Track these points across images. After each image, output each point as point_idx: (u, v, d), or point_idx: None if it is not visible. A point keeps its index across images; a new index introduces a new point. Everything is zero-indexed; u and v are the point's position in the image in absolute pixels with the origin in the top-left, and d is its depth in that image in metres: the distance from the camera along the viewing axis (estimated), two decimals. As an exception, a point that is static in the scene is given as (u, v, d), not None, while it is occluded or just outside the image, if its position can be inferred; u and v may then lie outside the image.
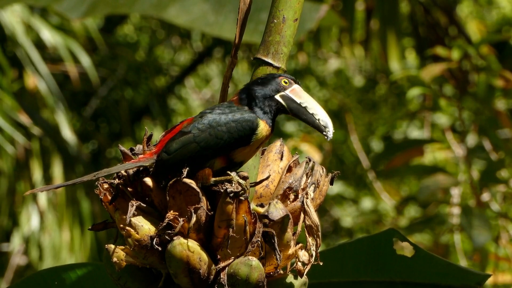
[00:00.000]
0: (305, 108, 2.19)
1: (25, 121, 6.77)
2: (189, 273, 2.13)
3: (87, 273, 2.53)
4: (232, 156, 2.16)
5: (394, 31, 6.94)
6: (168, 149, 2.15)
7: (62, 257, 6.90)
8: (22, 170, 7.00)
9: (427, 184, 5.08)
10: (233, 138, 2.15)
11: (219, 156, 2.15)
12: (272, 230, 2.15)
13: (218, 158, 2.15)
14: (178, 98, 10.32)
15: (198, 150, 2.14)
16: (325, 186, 2.29)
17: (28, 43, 7.14)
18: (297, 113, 2.19)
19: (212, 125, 2.15)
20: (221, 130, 2.15)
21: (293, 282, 2.22)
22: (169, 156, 2.14)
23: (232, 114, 2.16)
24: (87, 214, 6.98)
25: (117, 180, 2.18)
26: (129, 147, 2.24)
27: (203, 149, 2.14)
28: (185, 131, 2.16)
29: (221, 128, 2.15)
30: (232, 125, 2.16)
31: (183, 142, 2.15)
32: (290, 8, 2.29)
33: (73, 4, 4.87)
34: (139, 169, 2.18)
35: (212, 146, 2.14)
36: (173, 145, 2.15)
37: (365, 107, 10.53)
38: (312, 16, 4.57)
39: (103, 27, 9.40)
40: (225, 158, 2.15)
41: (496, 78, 5.18)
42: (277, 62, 2.28)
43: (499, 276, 5.27)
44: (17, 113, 6.71)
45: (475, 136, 5.51)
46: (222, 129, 2.15)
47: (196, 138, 2.15)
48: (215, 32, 4.78)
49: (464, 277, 2.61)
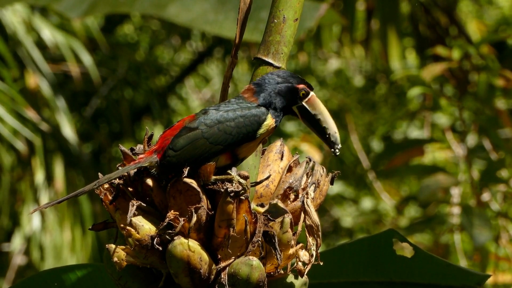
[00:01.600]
0: (319, 120, 2.20)
1: (33, 116, 6.76)
2: (189, 273, 2.13)
3: (87, 274, 2.53)
4: (237, 151, 2.15)
5: (395, 31, 6.94)
6: (175, 146, 2.13)
7: (63, 257, 6.91)
8: (23, 170, 7.01)
9: (427, 184, 5.08)
10: (242, 133, 2.14)
11: (226, 152, 2.14)
12: (273, 230, 2.15)
13: (224, 154, 2.14)
14: (179, 98, 10.32)
15: (207, 146, 2.12)
16: (325, 186, 2.29)
17: (29, 43, 7.15)
18: (309, 123, 2.20)
19: (220, 121, 2.14)
20: (229, 125, 2.14)
21: (294, 282, 2.23)
22: (176, 152, 2.12)
23: (240, 109, 2.15)
24: (88, 214, 6.99)
25: (118, 180, 2.18)
26: (130, 147, 2.24)
27: (212, 145, 2.12)
28: (191, 127, 2.14)
29: (229, 124, 2.14)
30: (241, 120, 2.15)
31: (191, 138, 2.13)
32: (290, 8, 2.29)
33: (72, 3, 4.86)
34: (140, 169, 2.17)
35: (221, 142, 2.13)
36: (180, 141, 2.13)
37: (365, 107, 10.53)
38: (312, 15, 4.57)
39: (104, 27, 9.40)
40: (230, 154, 2.15)
41: (496, 77, 5.18)
42: (278, 62, 2.28)
43: (499, 276, 5.28)
44: (25, 109, 6.70)
45: (475, 136, 5.51)
46: (231, 124, 2.14)
47: (204, 133, 2.13)
48: (215, 30, 4.77)
49: (464, 277, 2.61)
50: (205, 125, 2.14)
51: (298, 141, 5.84)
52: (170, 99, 10.14)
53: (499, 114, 5.30)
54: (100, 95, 8.98)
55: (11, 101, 6.58)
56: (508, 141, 5.48)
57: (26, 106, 6.72)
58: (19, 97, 6.63)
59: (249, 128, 2.14)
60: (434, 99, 5.50)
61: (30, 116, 6.78)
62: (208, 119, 2.15)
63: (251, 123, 2.15)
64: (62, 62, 7.74)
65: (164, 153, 2.14)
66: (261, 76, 2.22)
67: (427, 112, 6.65)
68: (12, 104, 6.63)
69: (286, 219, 2.16)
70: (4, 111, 6.47)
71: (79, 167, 7.11)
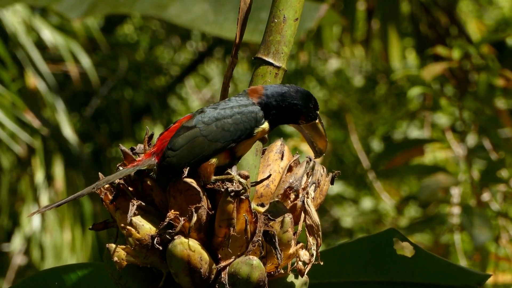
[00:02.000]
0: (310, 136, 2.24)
1: (31, 119, 6.77)
2: (190, 272, 2.13)
3: (87, 274, 2.52)
4: (235, 149, 2.15)
5: (395, 31, 6.94)
6: (174, 145, 2.12)
7: (64, 257, 6.91)
8: (23, 170, 7.01)
9: (427, 183, 5.08)
10: (239, 129, 2.14)
11: (225, 150, 2.14)
12: (273, 229, 2.15)
13: (223, 152, 2.14)
14: (179, 98, 10.32)
15: (206, 143, 2.12)
16: (325, 186, 2.29)
17: (29, 43, 7.15)
18: (300, 129, 2.22)
19: (218, 118, 2.14)
20: (227, 122, 2.14)
21: (294, 281, 2.23)
22: (175, 152, 2.12)
23: (237, 106, 2.16)
24: (88, 214, 6.99)
25: (118, 180, 2.18)
26: (130, 147, 2.24)
27: (211, 142, 2.12)
28: (189, 126, 2.14)
29: (227, 120, 2.14)
30: (238, 117, 2.15)
31: (189, 136, 2.12)
32: (290, 7, 2.29)
33: (72, 4, 4.86)
34: (139, 170, 2.17)
35: (219, 139, 2.12)
36: (179, 140, 2.12)
37: (365, 107, 10.53)
38: (312, 16, 4.56)
39: (104, 27, 9.40)
40: (228, 152, 2.15)
41: (496, 77, 5.19)
42: (278, 62, 2.28)
43: (499, 276, 5.28)
44: (22, 112, 6.71)
45: (476, 136, 5.52)
46: (228, 121, 2.14)
47: (202, 131, 2.13)
48: (215, 31, 4.77)
49: (464, 277, 2.61)
50: (203, 123, 2.14)
51: (298, 141, 5.84)
52: (170, 99, 10.14)
53: (499, 114, 5.30)
54: (100, 95, 8.99)
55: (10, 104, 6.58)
56: (508, 141, 5.48)
57: (25, 109, 6.72)
58: (18, 100, 6.63)
59: (247, 124, 2.14)
60: (434, 99, 5.50)
61: (28, 119, 6.78)
62: (205, 117, 2.14)
63: (248, 120, 2.15)
64: (62, 62, 7.74)
65: (163, 155, 2.13)
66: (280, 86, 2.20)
67: (427, 112, 6.65)
68: (12, 107, 6.63)
69: (287, 218, 2.17)
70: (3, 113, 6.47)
71: (79, 167, 7.12)
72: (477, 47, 5.18)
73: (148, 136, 2.23)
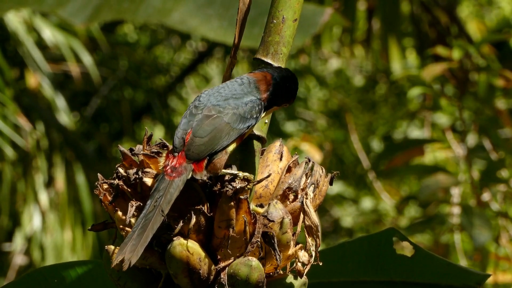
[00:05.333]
0: None
1: (24, 124, 6.77)
2: (189, 273, 2.13)
3: (87, 271, 2.52)
4: (245, 134, 2.18)
5: (395, 31, 6.94)
6: (199, 133, 2.12)
7: (64, 257, 6.91)
8: (24, 169, 7.01)
9: (427, 184, 5.08)
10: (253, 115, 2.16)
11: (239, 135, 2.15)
12: (272, 230, 2.15)
13: (238, 138, 2.15)
14: (179, 97, 10.32)
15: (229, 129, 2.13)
16: (324, 187, 2.29)
17: (30, 42, 7.15)
18: None
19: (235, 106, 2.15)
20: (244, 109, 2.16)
21: (293, 282, 2.23)
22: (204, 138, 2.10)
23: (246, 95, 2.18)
24: (89, 214, 6.99)
25: (117, 181, 2.18)
26: (129, 147, 2.24)
27: (233, 128, 2.13)
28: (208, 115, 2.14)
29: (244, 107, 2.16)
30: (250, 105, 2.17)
31: (213, 124, 2.13)
32: (289, 8, 2.29)
33: (77, 9, 4.83)
34: (139, 169, 2.17)
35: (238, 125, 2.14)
36: (204, 127, 2.12)
37: (365, 107, 10.53)
38: (316, 20, 4.53)
39: (104, 26, 9.40)
40: (240, 138, 2.17)
41: (497, 77, 5.19)
42: (277, 62, 2.28)
43: (499, 276, 5.28)
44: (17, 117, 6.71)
45: (476, 136, 5.52)
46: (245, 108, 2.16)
47: (224, 118, 2.13)
48: (219, 37, 4.71)
49: (464, 277, 2.61)
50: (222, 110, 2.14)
51: (298, 141, 5.84)
52: (170, 99, 10.14)
53: (499, 114, 5.30)
54: (100, 95, 8.99)
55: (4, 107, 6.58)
56: (508, 141, 5.48)
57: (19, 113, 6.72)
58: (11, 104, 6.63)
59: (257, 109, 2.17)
60: (434, 99, 5.50)
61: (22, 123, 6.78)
62: (222, 106, 2.15)
63: (257, 105, 2.18)
64: (63, 62, 7.74)
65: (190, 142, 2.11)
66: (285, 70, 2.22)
67: (427, 112, 6.66)
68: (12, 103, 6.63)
69: (286, 219, 2.17)
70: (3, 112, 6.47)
71: (80, 166, 7.12)
72: (478, 47, 5.18)
73: (147, 137, 2.23)
